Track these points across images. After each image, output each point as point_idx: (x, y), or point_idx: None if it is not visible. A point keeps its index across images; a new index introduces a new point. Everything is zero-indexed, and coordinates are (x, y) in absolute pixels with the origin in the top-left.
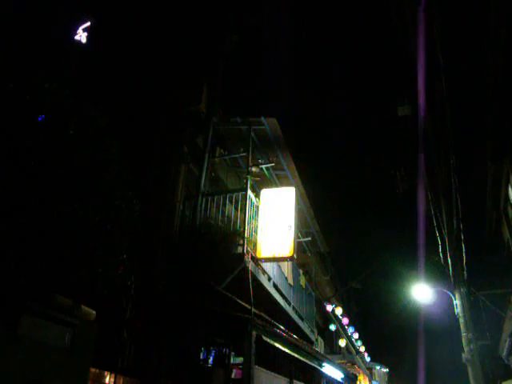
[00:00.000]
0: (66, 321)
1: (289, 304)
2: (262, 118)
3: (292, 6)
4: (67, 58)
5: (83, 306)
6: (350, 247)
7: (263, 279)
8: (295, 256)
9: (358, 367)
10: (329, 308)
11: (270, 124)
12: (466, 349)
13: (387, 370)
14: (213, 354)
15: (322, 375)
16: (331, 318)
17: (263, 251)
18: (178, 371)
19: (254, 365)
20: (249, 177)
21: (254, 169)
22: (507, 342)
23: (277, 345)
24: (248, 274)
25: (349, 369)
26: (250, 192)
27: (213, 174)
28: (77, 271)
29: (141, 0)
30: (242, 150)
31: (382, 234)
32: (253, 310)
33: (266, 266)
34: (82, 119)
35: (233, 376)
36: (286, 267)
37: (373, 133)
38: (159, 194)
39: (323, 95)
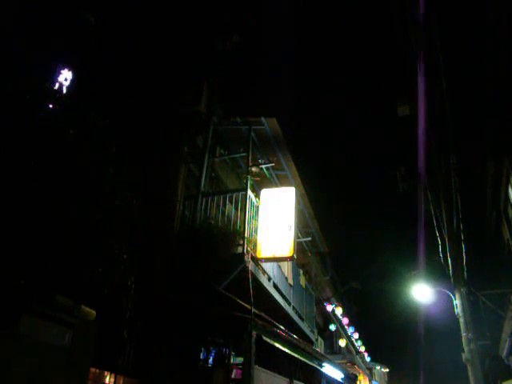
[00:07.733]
0: (66, 321)
1: (289, 304)
2: (262, 118)
3: (292, 5)
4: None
5: (83, 306)
6: (349, 247)
7: (263, 279)
8: (295, 256)
9: (358, 367)
10: (329, 308)
11: (269, 124)
12: (465, 349)
13: (387, 369)
14: (213, 353)
15: (322, 375)
16: (331, 317)
17: (263, 251)
18: (178, 371)
19: (254, 365)
20: (249, 177)
21: (254, 169)
22: (507, 342)
23: (277, 345)
24: (248, 274)
25: (349, 369)
26: (250, 192)
27: (213, 174)
28: (77, 271)
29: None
30: (241, 150)
31: (382, 234)
32: (253, 310)
33: (266, 265)
34: (82, 119)
35: (233, 376)
36: (286, 267)
37: (373, 132)
38: (159, 193)
39: (323, 95)
